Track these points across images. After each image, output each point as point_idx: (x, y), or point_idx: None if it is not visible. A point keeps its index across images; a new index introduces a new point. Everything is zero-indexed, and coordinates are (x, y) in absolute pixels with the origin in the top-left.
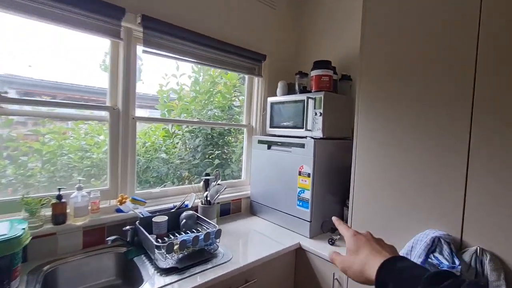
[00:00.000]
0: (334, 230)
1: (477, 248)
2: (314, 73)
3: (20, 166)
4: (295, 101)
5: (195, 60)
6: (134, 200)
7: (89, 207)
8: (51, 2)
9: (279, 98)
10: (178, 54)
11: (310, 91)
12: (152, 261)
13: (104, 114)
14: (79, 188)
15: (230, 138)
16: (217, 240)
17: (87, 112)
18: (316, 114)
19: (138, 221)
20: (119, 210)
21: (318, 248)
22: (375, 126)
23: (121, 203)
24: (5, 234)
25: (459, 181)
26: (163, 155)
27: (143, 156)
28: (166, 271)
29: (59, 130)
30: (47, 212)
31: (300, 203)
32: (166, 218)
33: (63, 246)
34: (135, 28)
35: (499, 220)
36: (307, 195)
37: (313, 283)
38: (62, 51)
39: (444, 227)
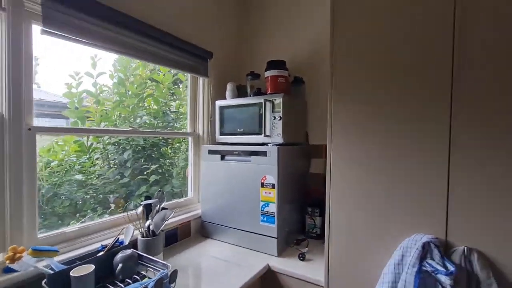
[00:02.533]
0: (300, 242)
1: (464, 248)
2: (269, 73)
3: None
4: (249, 105)
5: (121, 50)
6: (37, 252)
7: None
8: None
9: (229, 101)
10: (94, 40)
11: (265, 94)
12: None
13: None
14: None
15: (167, 149)
16: (172, 285)
17: None
18: (275, 118)
19: (45, 281)
20: (8, 270)
21: (289, 267)
22: (351, 130)
23: (13, 260)
24: None
25: (440, 182)
26: (78, 176)
27: (46, 181)
28: None
29: None
30: None
31: (265, 218)
32: (92, 267)
33: None
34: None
35: (482, 218)
36: (272, 208)
37: None
38: None
39: (429, 229)
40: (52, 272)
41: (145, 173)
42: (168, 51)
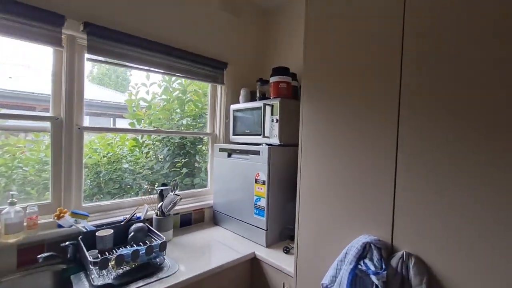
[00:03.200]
0: (292, 237)
1: (403, 253)
2: (272, 79)
3: None
4: (254, 108)
5: (152, 68)
6: (74, 214)
7: (25, 223)
8: None
9: (240, 105)
10: (130, 62)
11: (269, 98)
12: (89, 278)
13: (46, 124)
14: (12, 203)
15: (202, 147)
16: (163, 253)
17: (28, 123)
18: (273, 120)
19: (80, 237)
20: (59, 226)
21: (272, 258)
22: (315, 134)
23: (59, 217)
24: None
25: (388, 187)
26: (126, 166)
27: (105, 167)
28: None
29: (15, 143)
30: None
31: (257, 212)
32: (111, 231)
33: None
34: (79, 35)
35: (424, 225)
36: (263, 203)
37: None
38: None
39: (377, 232)
40: (85, 230)
41: (177, 166)
42: (191, 65)
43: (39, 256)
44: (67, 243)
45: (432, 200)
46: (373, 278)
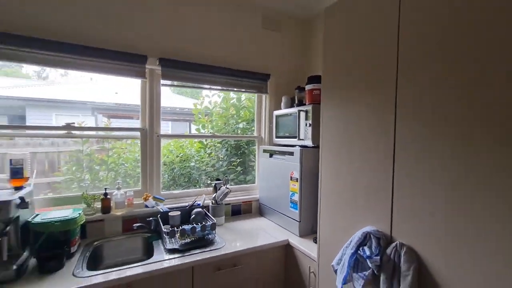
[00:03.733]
0: None
1: (397, 243)
2: (307, 87)
3: (94, 173)
4: (291, 114)
5: (210, 86)
6: (155, 198)
7: (126, 203)
8: (96, 58)
9: (281, 111)
10: (197, 83)
11: (305, 104)
12: (163, 244)
13: (137, 133)
14: (118, 188)
15: (255, 148)
16: (214, 232)
17: (127, 133)
18: (306, 125)
19: (159, 215)
20: (146, 206)
21: (302, 245)
22: (330, 136)
23: (145, 199)
24: (67, 216)
25: (388, 185)
26: (192, 164)
27: (178, 165)
28: (170, 251)
29: (119, 146)
30: (98, 205)
31: (292, 205)
32: (179, 213)
33: (108, 229)
34: (156, 68)
35: (417, 221)
36: (296, 198)
37: (297, 274)
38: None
39: (378, 225)
40: (161, 211)
41: (232, 165)
42: (239, 80)
43: (134, 225)
44: (150, 218)
45: (424, 200)
46: (368, 261)
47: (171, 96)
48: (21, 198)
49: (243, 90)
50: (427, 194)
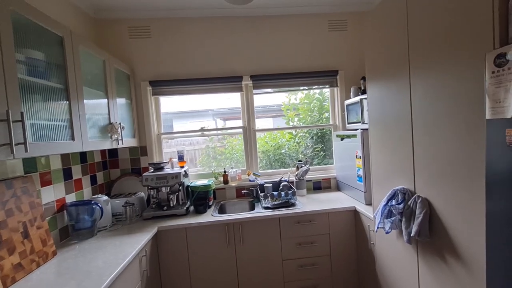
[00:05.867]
0: None
1: (415, 196)
2: None
3: (218, 161)
4: (357, 102)
5: (291, 89)
6: (254, 174)
7: (237, 177)
8: (211, 84)
9: (349, 100)
10: (279, 87)
11: None
12: (261, 204)
13: (240, 130)
14: (232, 168)
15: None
16: (295, 197)
17: (235, 130)
18: (367, 110)
19: (257, 186)
20: (249, 180)
21: (364, 210)
22: (374, 119)
23: (248, 175)
24: (206, 183)
25: (410, 155)
26: (283, 151)
27: (272, 152)
28: (265, 208)
29: (232, 140)
30: (221, 179)
31: (358, 179)
32: (271, 185)
33: (228, 194)
34: (249, 82)
35: (430, 177)
36: (361, 172)
37: (362, 232)
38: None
39: (406, 184)
40: (259, 183)
41: (316, 150)
42: (313, 79)
43: (242, 191)
44: (252, 188)
45: (432, 164)
46: (392, 208)
47: (267, 96)
48: (185, 172)
49: (315, 87)
50: (436, 161)
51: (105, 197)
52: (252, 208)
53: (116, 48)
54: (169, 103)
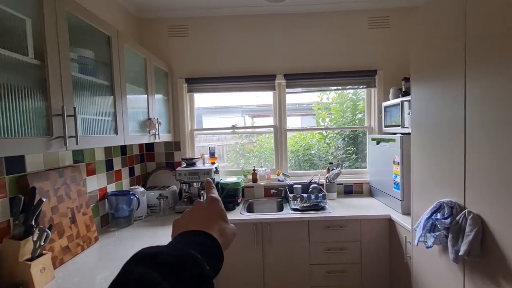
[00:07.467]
0: None
1: (465, 211)
2: None
3: (246, 159)
4: (397, 104)
5: (325, 88)
6: (284, 174)
7: (266, 176)
8: (245, 82)
9: (388, 102)
10: (313, 87)
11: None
12: (289, 205)
13: (271, 129)
14: (261, 167)
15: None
16: (325, 200)
17: (265, 129)
18: (409, 113)
19: (287, 186)
20: (278, 180)
21: (401, 220)
22: (418, 125)
23: (277, 175)
24: (235, 181)
25: (461, 165)
26: (313, 152)
27: (301, 153)
28: (294, 209)
29: (261, 138)
30: (250, 177)
31: (395, 186)
32: (300, 186)
33: (256, 193)
34: (282, 81)
35: (485, 192)
36: (398, 179)
37: (398, 243)
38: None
39: (453, 197)
40: (288, 184)
41: (347, 153)
42: (348, 79)
43: (271, 191)
44: (281, 188)
45: (490, 177)
46: (437, 222)
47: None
48: (216, 168)
49: (350, 87)
50: (492, 174)
51: (142, 189)
52: (280, 208)
53: (155, 47)
54: (199, 99)
